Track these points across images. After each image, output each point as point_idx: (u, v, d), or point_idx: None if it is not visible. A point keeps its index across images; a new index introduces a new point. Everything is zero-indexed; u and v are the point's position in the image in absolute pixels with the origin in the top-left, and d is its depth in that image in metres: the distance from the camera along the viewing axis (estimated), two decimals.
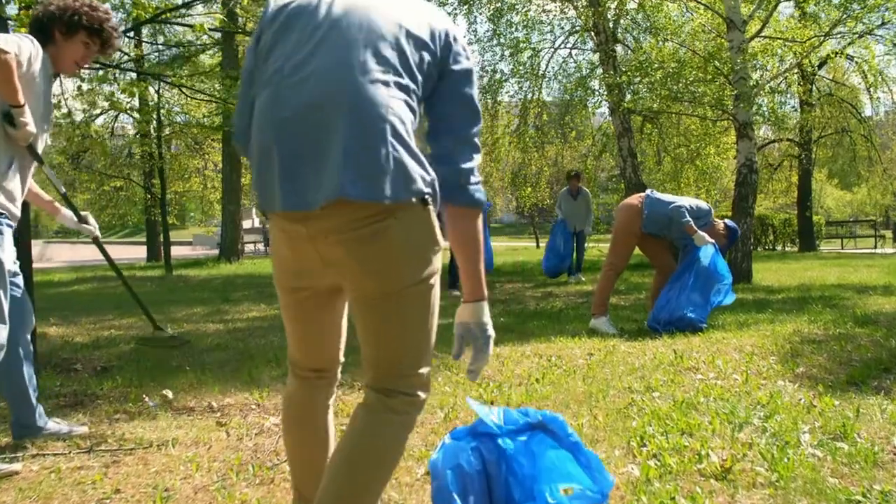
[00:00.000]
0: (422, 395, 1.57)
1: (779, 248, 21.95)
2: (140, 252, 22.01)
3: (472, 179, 1.56)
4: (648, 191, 5.42)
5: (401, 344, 1.54)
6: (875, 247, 22.13)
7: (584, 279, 9.59)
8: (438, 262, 1.55)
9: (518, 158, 14.34)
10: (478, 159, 1.58)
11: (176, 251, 25.96)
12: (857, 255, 17.87)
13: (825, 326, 5.06)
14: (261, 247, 27.30)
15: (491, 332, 1.63)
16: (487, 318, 1.62)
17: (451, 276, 7.75)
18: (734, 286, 8.61)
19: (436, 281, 1.55)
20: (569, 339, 4.74)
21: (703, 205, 5.26)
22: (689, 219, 5.05)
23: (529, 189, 14.82)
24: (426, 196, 1.47)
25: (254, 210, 50.09)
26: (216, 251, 20.78)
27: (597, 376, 3.70)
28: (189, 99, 12.86)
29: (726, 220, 5.54)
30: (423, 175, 1.45)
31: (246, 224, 50.19)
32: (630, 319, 5.80)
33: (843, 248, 22.61)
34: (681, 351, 4.22)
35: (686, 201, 5.23)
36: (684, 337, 4.71)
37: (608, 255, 5.47)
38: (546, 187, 14.84)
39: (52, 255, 23.41)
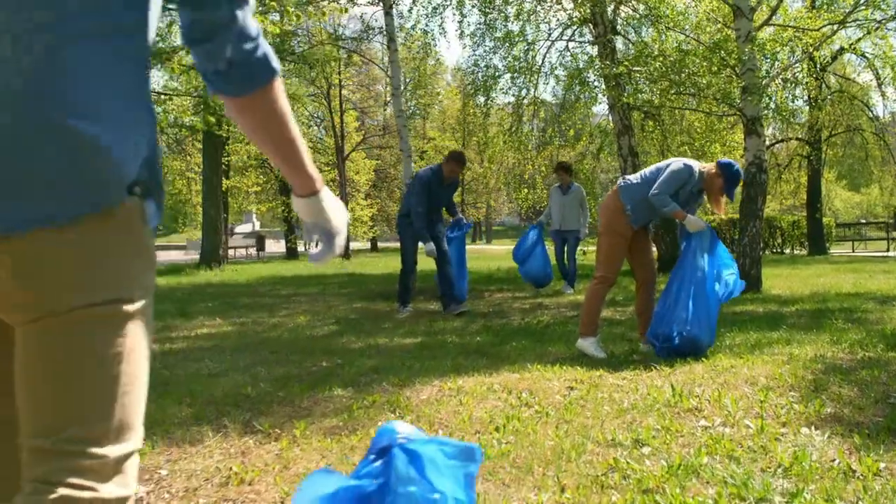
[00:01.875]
0: (104, 491, 0.90)
1: (787, 251, 21.15)
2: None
3: (246, 47, 1.05)
4: (620, 181, 4.57)
5: (63, 397, 0.90)
6: (888, 249, 21.31)
7: (571, 290, 8.67)
8: (147, 281, 1.00)
9: (512, 158, 13.59)
10: (244, 16, 1.03)
11: (165, 255, 25.37)
12: (870, 258, 17.08)
13: (851, 349, 4.31)
14: (253, 251, 26.69)
15: (335, 228, 1.29)
16: (329, 212, 1.27)
17: (401, 287, 6.96)
18: (742, 296, 7.91)
19: (138, 310, 0.97)
20: (548, 368, 3.99)
21: (681, 164, 4.34)
22: (674, 204, 4.24)
23: (526, 191, 14.08)
24: (128, 194, 0.92)
25: (254, 214, 49.67)
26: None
27: (574, 422, 2.96)
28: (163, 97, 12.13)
29: (719, 160, 4.48)
30: (122, 166, 0.91)
31: (245, 228, 49.77)
32: (623, 339, 5.05)
33: (854, 252, 21.81)
34: (680, 384, 3.48)
35: (662, 177, 4.31)
36: (685, 365, 3.96)
37: (596, 266, 4.58)
38: (544, 188, 14.08)
39: None
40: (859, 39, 14.64)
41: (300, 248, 24.44)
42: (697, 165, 4.41)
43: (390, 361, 4.38)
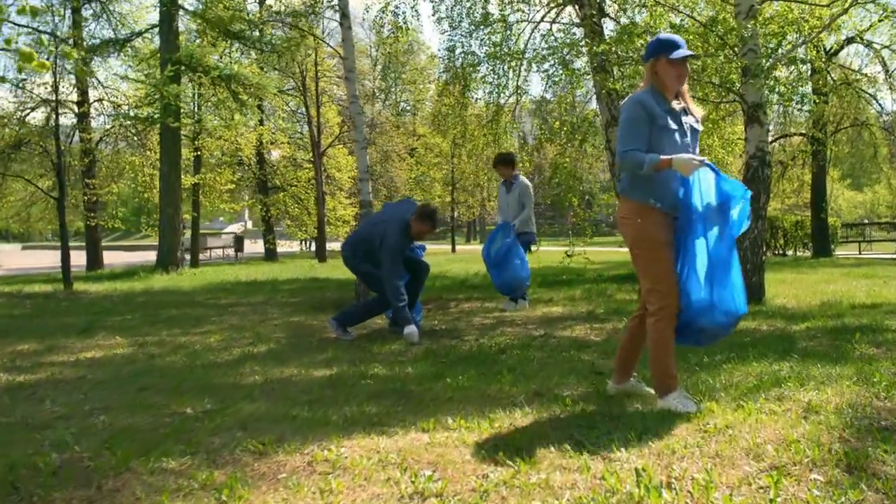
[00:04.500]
0: None
1: (790, 253, 20.07)
2: (118, 258, 20.23)
3: None
4: (618, 187, 3.31)
5: None
6: None
7: (516, 306, 7.05)
8: None
9: (492, 152, 12.48)
10: None
11: (145, 256, 24.27)
12: (878, 260, 16.00)
13: (887, 392, 3.23)
14: (231, 252, 25.61)
15: None
16: None
17: (362, 312, 5.71)
18: None
19: None
20: (475, 424, 2.91)
21: (626, 106, 3.15)
22: (650, 156, 3.01)
23: None
24: None
25: (246, 213, 48.65)
26: (185, 256, 19.06)
27: None
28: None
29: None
30: None
31: (235, 227, 48.77)
32: (589, 373, 3.95)
33: (860, 253, 20.75)
34: (652, 460, 2.41)
35: (619, 134, 3.15)
36: (663, 422, 2.87)
37: (646, 297, 3.14)
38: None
39: (4, 262, 21.71)
40: (870, 27, 13.57)
41: (279, 249, 23.39)
42: (644, 89, 3.20)
43: (276, 408, 3.31)
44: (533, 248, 7.61)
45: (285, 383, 3.88)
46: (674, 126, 3.11)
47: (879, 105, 17.55)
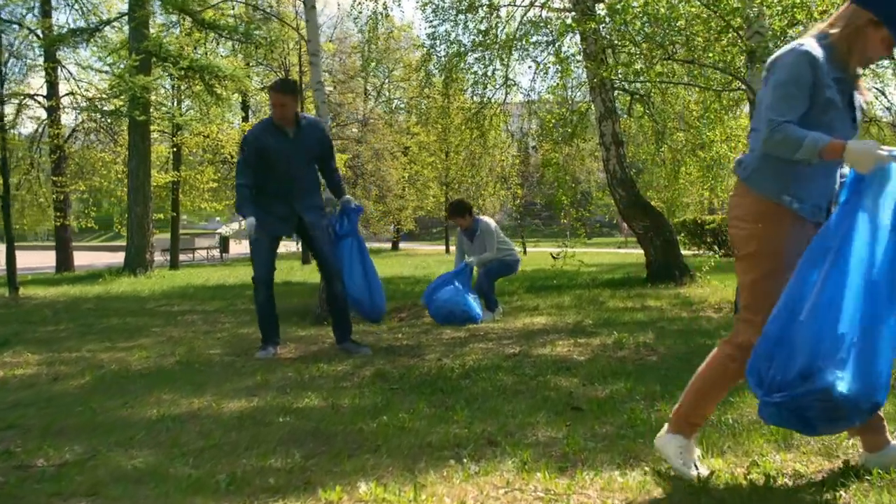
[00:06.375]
0: None
1: None
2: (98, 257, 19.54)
3: None
4: (738, 169, 2.28)
5: None
6: None
7: (493, 315, 6.42)
8: None
9: (478, 148, 11.76)
10: None
11: (116, 257, 23.46)
12: None
13: None
14: (216, 254, 24.89)
15: None
16: None
17: (257, 311, 4.92)
18: None
19: None
20: (391, 496, 2.16)
21: (788, 58, 2.15)
22: (811, 135, 2.05)
23: (497, 185, 12.26)
24: None
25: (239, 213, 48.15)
26: (165, 257, 18.37)
27: None
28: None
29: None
30: None
31: (225, 229, 48.15)
32: (566, 407, 3.21)
33: None
34: None
35: (768, 96, 2.16)
36: (648, 493, 2.12)
37: (739, 320, 2.29)
38: (517, 185, 12.23)
39: None
40: None
41: None
42: (811, 38, 2.20)
43: (153, 459, 2.56)
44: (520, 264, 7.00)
45: (186, 420, 3.12)
46: (840, 102, 2.18)
47: (888, 100, 16.83)
